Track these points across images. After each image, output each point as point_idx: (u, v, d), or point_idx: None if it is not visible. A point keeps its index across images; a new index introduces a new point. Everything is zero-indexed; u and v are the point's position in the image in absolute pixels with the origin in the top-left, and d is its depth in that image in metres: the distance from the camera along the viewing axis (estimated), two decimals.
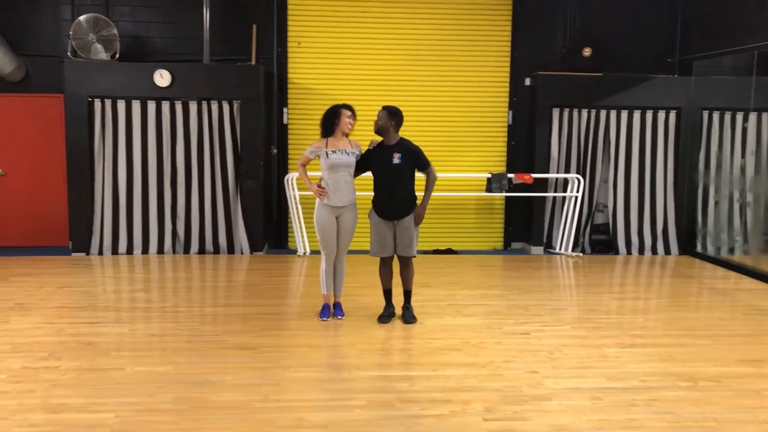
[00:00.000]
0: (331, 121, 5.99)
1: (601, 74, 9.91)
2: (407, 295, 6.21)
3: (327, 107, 6.12)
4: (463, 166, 10.30)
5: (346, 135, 6.03)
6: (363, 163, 6.09)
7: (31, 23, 9.77)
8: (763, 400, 4.41)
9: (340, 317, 6.17)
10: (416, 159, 5.97)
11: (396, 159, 5.87)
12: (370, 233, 6.07)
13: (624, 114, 10.00)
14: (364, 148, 6.10)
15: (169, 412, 4.05)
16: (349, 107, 6.07)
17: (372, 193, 6.07)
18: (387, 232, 5.99)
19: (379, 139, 6.03)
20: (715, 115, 10.03)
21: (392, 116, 5.93)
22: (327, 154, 5.89)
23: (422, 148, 6.06)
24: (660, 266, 9.32)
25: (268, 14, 9.91)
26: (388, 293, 6.25)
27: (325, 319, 6.11)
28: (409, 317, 6.11)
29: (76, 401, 4.19)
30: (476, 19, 10.24)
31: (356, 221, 6.10)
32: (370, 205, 6.07)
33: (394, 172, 5.89)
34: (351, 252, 6.20)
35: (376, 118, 5.96)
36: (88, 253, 9.33)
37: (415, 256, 6.10)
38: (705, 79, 9.97)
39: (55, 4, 9.75)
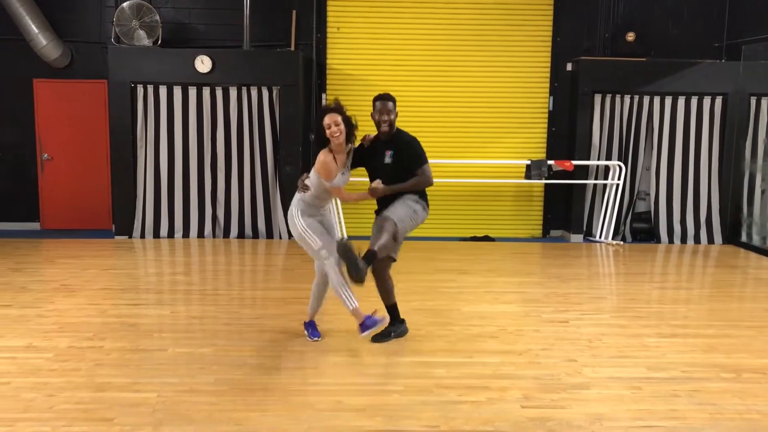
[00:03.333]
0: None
1: (644, 59, 9.72)
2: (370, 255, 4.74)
3: (365, 93, 5.56)
4: (503, 152, 10.21)
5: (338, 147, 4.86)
6: (354, 163, 5.06)
7: (76, 10, 9.94)
8: None
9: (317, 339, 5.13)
10: (410, 156, 4.87)
11: (387, 157, 4.89)
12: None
13: (668, 100, 9.80)
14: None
15: (210, 393, 4.11)
16: (332, 109, 4.81)
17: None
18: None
19: (373, 133, 5.07)
20: (764, 102, 9.78)
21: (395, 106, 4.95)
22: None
23: (461, 135, 5.49)
24: (703, 256, 9.14)
25: (307, 0, 9.92)
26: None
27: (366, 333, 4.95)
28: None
29: (120, 380, 4.28)
30: (517, 4, 10.11)
31: None
32: None
33: (387, 174, 4.88)
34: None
35: (378, 111, 4.90)
36: (130, 236, 9.51)
37: (394, 222, 4.73)
38: (754, 63, 9.71)
39: None
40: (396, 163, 4.91)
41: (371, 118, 5.01)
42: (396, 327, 5.22)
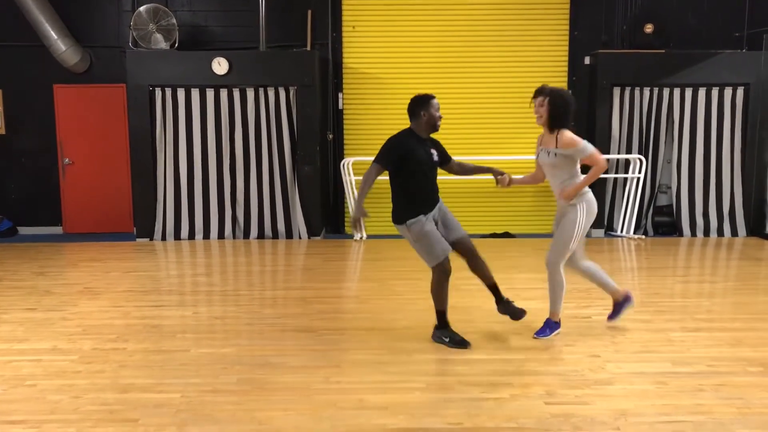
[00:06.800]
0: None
1: (663, 51, 9.61)
2: (496, 289, 5.27)
3: (381, 91, 5.74)
4: (521, 147, 10.15)
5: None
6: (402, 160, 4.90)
7: (94, 15, 10.04)
8: None
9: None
10: (442, 151, 5.16)
11: (435, 156, 5.04)
12: (424, 242, 4.93)
13: (688, 92, 9.69)
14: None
15: (233, 392, 4.13)
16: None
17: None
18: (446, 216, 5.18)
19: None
20: None
21: None
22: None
23: (479, 131, 5.56)
24: (727, 248, 9.02)
25: (322, 0, 9.93)
26: (444, 315, 5.12)
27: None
28: (516, 312, 5.28)
29: (144, 381, 4.31)
30: None
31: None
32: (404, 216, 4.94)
33: (435, 171, 5.10)
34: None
35: (438, 108, 4.93)
36: (151, 239, 9.58)
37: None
38: None
39: None
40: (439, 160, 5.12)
41: (433, 114, 4.91)
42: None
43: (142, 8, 9.39)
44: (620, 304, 5.40)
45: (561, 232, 5.03)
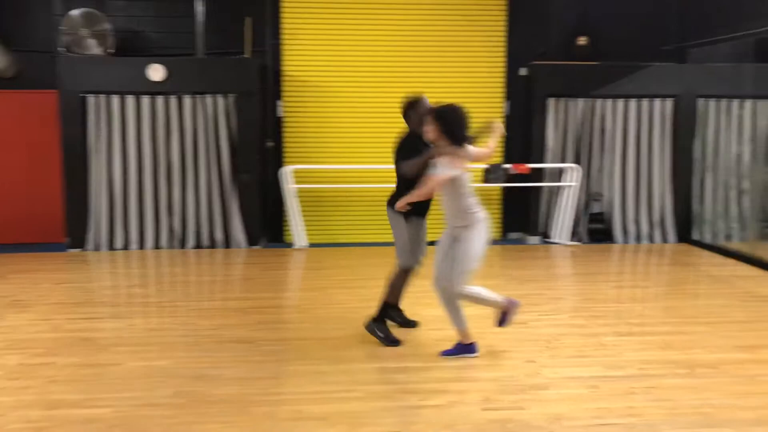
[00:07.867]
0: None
1: (596, 63, 9.89)
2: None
3: (320, 99, 5.73)
4: None
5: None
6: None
7: (24, 18, 9.70)
8: (759, 386, 4.42)
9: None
10: None
11: None
12: (402, 239, 5.27)
13: (620, 103, 9.99)
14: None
15: (168, 406, 4.04)
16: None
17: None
18: (422, 233, 5.44)
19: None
20: (711, 103, 10.02)
21: None
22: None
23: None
24: (657, 254, 9.32)
25: (261, 6, 9.85)
26: (389, 309, 5.48)
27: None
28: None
29: (74, 397, 4.18)
30: (471, 9, 10.18)
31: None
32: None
33: None
34: (343, 244, 5.52)
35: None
36: (84, 249, 9.30)
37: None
38: (700, 66, 9.96)
39: None
40: None
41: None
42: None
43: (73, 12, 9.13)
44: (507, 312, 5.21)
45: (462, 256, 4.83)
